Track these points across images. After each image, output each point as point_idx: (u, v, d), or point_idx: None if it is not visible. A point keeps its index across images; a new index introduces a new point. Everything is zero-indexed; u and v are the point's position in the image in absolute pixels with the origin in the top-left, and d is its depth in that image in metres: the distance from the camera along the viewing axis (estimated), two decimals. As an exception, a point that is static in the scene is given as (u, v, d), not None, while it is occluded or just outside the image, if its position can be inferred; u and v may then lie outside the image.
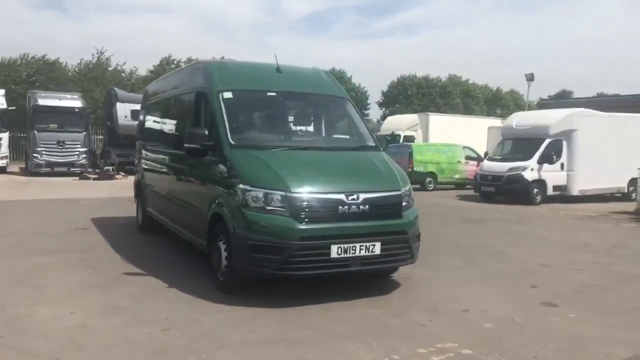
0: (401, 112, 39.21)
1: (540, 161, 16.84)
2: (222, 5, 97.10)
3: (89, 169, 24.16)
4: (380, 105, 63.01)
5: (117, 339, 4.62)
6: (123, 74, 41.00)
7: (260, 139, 6.49)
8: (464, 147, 22.66)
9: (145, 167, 9.75)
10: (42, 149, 23.61)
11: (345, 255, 5.62)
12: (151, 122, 9.78)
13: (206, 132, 6.38)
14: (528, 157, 16.96)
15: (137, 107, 13.79)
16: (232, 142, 6.14)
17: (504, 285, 6.82)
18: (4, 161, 24.83)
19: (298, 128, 6.93)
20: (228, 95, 6.60)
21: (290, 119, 7.19)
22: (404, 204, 6.14)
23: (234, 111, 6.56)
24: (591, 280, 7.14)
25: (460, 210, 15.09)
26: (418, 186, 21.58)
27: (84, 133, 24.67)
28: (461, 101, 59.18)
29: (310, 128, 7.18)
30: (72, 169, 23.58)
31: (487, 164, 18.16)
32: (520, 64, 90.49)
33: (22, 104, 27.30)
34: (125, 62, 41.65)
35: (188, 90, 7.57)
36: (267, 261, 5.48)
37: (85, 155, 24.39)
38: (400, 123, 27.89)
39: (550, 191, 17.04)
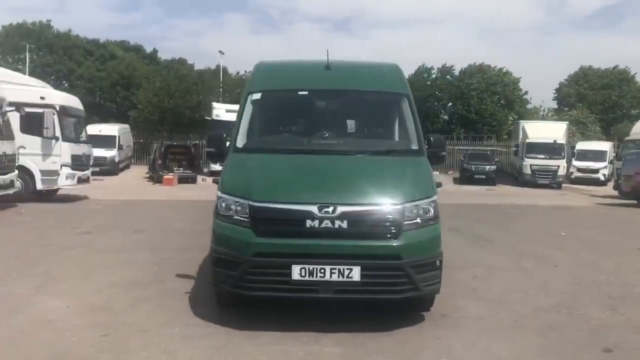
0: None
1: None
2: (497, 9, 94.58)
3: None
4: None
5: (51, 339, 4.79)
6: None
7: (268, 142, 6.16)
8: None
9: None
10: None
11: (312, 279, 4.84)
12: None
13: (224, 135, 6.33)
14: None
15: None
16: (238, 146, 5.89)
17: (567, 342, 4.97)
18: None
19: (326, 129, 6.19)
20: (257, 96, 6.39)
21: (325, 118, 6.51)
22: (406, 222, 4.96)
23: (258, 113, 6.35)
24: None
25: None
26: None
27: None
28: None
29: (343, 128, 6.37)
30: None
31: None
32: None
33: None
34: None
35: None
36: (227, 277, 5.07)
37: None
38: (658, 126, 22.71)
39: None
